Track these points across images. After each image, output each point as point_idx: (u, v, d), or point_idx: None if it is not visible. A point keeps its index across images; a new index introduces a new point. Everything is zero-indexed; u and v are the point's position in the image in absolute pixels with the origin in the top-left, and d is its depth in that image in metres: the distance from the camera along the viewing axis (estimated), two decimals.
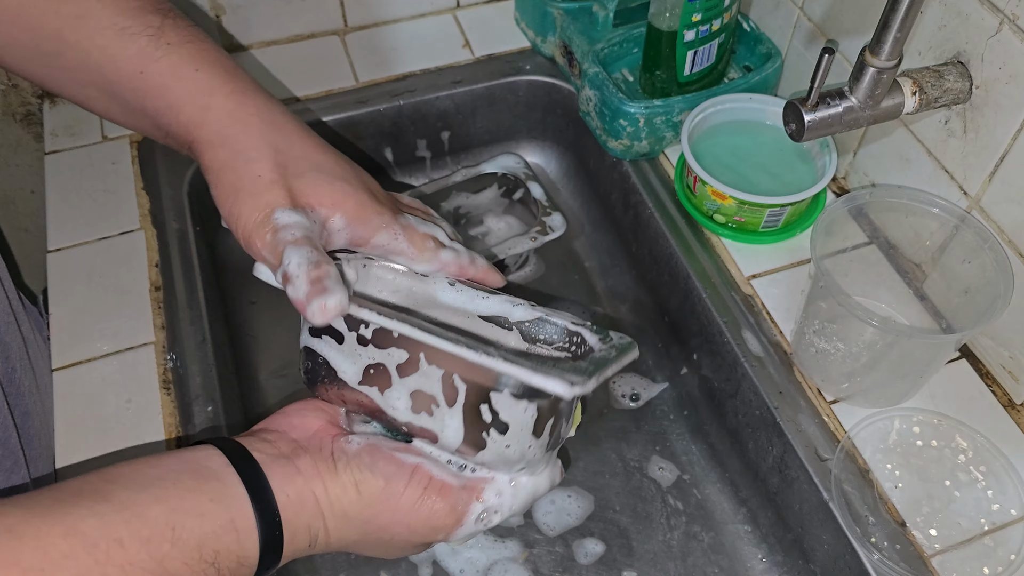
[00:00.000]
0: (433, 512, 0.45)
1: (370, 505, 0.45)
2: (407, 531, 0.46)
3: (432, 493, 0.45)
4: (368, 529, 0.45)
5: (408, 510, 0.45)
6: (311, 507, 0.43)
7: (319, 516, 0.44)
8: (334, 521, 0.44)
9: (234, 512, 0.40)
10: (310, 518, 0.43)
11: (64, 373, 0.62)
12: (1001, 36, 0.54)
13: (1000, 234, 0.58)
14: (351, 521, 0.45)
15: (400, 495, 0.45)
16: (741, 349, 0.64)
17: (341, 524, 0.45)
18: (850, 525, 0.55)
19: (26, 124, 0.87)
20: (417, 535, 0.46)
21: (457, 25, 0.90)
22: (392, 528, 0.46)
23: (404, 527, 0.46)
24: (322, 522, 0.44)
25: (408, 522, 0.46)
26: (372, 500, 0.45)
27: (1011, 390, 0.61)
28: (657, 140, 0.75)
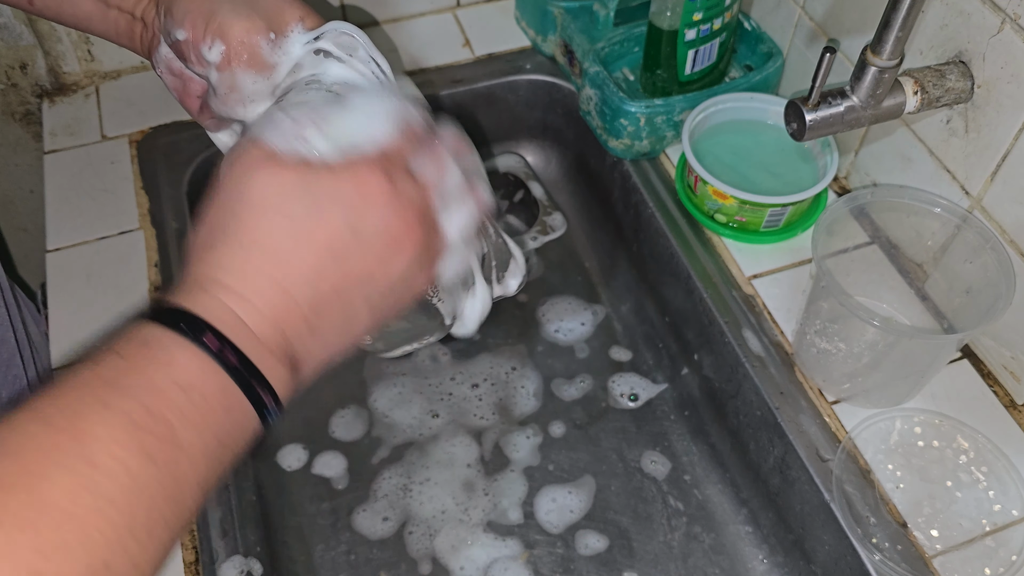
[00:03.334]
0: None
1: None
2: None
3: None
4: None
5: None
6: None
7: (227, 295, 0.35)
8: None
9: (178, 366, 0.33)
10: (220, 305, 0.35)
11: (64, 373, 0.62)
12: (1003, 35, 0.54)
13: (1002, 234, 0.58)
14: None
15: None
16: (742, 349, 0.64)
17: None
18: (851, 526, 0.55)
19: (25, 123, 0.86)
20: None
21: (457, 24, 0.90)
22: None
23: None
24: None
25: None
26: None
27: (1013, 390, 0.61)
28: (658, 139, 0.75)
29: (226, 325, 0.34)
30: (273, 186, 0.36)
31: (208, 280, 0.35)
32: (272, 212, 0.36)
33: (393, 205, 0.38)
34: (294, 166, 0.37)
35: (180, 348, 0.33)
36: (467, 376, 0.75)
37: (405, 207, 0.38)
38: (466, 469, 0.70)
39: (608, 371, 0.76)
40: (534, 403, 0.74)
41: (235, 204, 0.37)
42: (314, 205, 0.36)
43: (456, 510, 0.68)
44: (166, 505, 0.31)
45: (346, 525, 0.67)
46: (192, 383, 0.33)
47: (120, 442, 0.30)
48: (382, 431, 0.72)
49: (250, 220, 0.36)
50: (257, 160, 0.37)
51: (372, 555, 0.66)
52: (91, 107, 0.81)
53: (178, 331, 0.33)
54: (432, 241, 0.40)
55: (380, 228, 0.37)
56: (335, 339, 0.38)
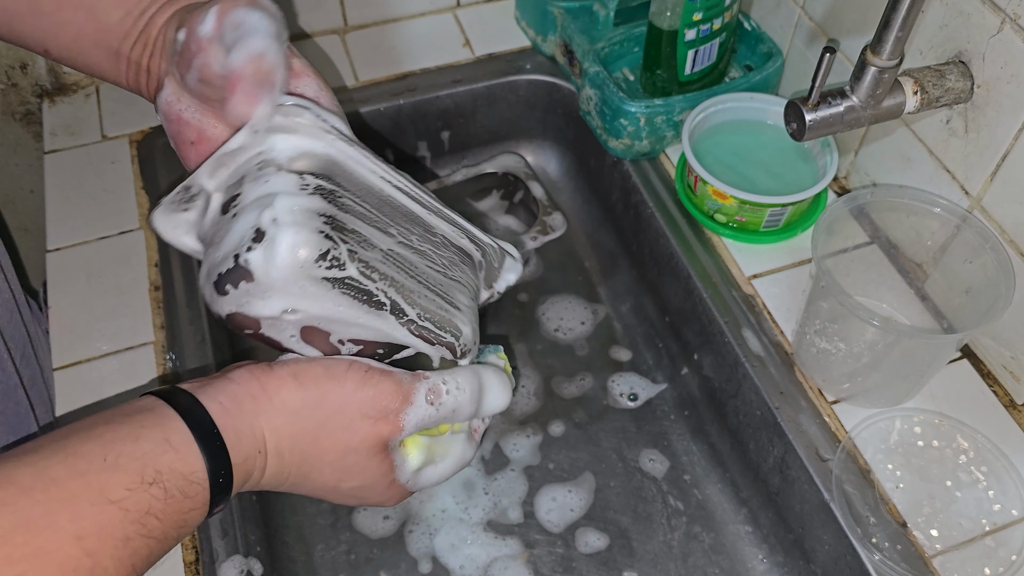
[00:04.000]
0: (379, 390, 0.43)
1: (313, 389, 0.43)
2: (358, 414, 0.43)
3: (375, 373, 0.44)
4: (319, 417, 0.43)
5: (354, 388, 0.43)
6: (249, 407, 0.41)
7: (259, 413, 0.41)
8: (278, 417, 0.42)
9: (167, 431, 0.38)
10: (251, 417, 0.41)
11: (64, 372, 0.62)
12: (1003, 35, 0.54)
13: (1001, 234, 0.58)
14: (297, 414, 0.42)
15: (344, 375, 0.43)
16: (742, 349, 0.64)
17: (287, 420, 0.42)
18: (851, 525, 0.55)
19: (25, 123, 0.87)
20: (368, 419, 0.43)
21: (457, 24, 0.90)
22: (344, 411, 0.43)
23: (355, 409, 0.43)
24: (265, 419, 0.42)
25: (358, 401, 0.43)
26: (314, 383, 0.43)
27: (1012, 390, 0.61)
28: (658, 139, 0.75)
29: (240, 479, 0.41)
30: (361, 460, 0.45)
31: (257, 439, 0.42)
32: (338, 469, 0.44)
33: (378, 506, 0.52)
34: (382, 463, 0.45)
35: (202, 511, 0.39)
36: None
37: (380, 505, 0.51)
38: (466, 468, 0.70)
39: (608, 371, 0.76)
40: (535, 402, 0.74)
41: (337, 432, 0.43)
42: (360, 480, 0.45)
43: (456, 509, 0.68)
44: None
45: (346, 525, 0.67)
46: (187, 533, 0.39)
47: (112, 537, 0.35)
48: None
49: (325, 455, 0.44)
50: (382, 442, 0.44)
51: (372, 555, 0.66)
52: (91, 107, 0.81)
53: (211, 492, 0.40)
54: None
55: (358, 502, 0.49)
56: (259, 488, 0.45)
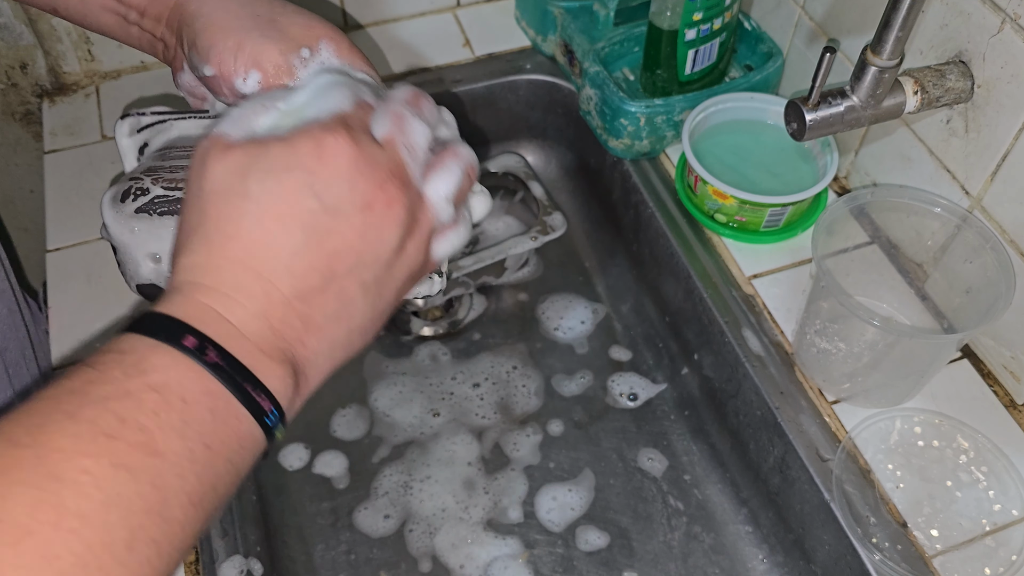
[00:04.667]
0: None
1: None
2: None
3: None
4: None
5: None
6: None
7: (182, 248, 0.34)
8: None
9: (131, 353, 0.31)
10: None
11: None
12: (1003, 35, 0.54)
13: (1002, 234, 0.58)
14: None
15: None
16: (742, 349, 0.64)
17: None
18: (851, 525, 0.55)
19: (25, 123, 0.86)
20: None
21: (457, 24, 0.90)
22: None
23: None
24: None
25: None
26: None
27: (1012, 390, 0.61)
28: (658, 139, 0.75)
29: (206, 324, 0.32)
30: (225, 169, 0.34)
31: (185, 283, 0.33)
32: (231, 196, 0.34)
33: (359, 166, 0.34)
34: (243, 145, 0.34)
35: (155, 351, 0.31)
36: (468, 375, 0.75)
37: (374, 167, 0.34)
38: (467, 467, 0.70)
39: (608, 370, 0.76)
40: (535, 402, 0.74)
41: (196, 199, 0.34)
42: (270, 178, 0.33)
43: (456, 508, 0.68)
44: (148, 519, 0.28)
45: (346, 524, 0.67)
46: (168, 385, 0.30)
47: (88, 453, 0.28)
48: (383, 430, 0.72)
49: (212, 210, 0.34)
50: (207, 150, 0.35)
51: (372, 554, 0.66)
52: (91, 107, 0.81)
53: (155, 337, 0.31)
54: (415, 207, 0.36)
55: (349, 193, 0.34)
56: (336, 331, 0.35)
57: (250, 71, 0.42)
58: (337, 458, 0.71)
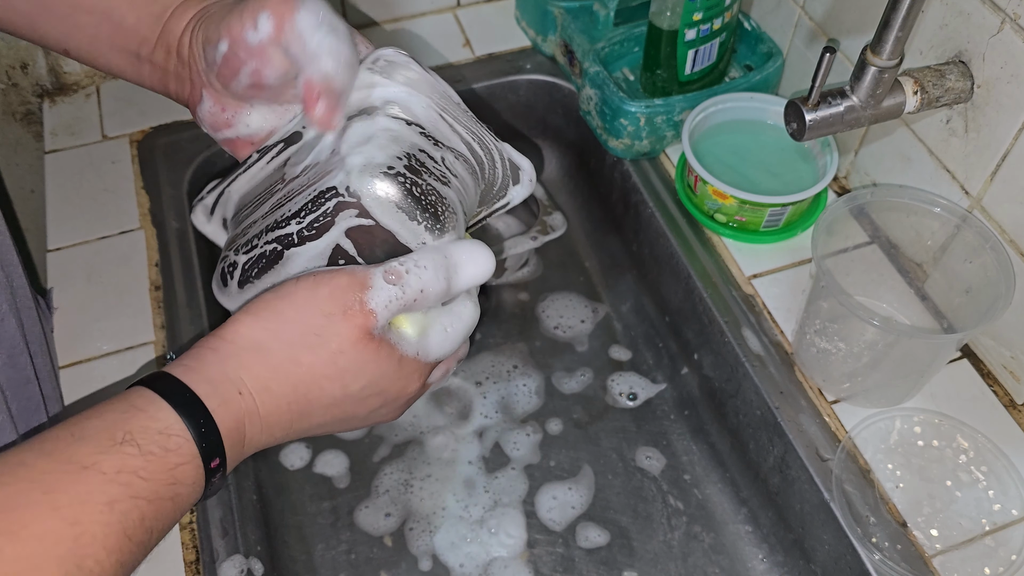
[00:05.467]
0: (333, 286, 0.41)
1: (267, 313, 0.41)
2: (322, 316, 0.41)
3: (323, 275, 0.42)
4: (287, 338, 0.41)
5: (307, 296, 0.41)
6: (212, 357, 0.40)
7: (226, 358, 0.40)
8: (246, 354, 0.40)
9: (132, 399, 0.37)
10: (218, 365, 0.40)
11: (65, 372, 0.62)
12: (1003, 35, 0.54)
13: (1001, 234, 0.58)
14: (263, 344, 0.40)
15: (293, 289, 0.42)
16: (742, 349, 0.64)
17: (256, 353, 0.40)
18: (851, 525, 0.55)
19: (26, 123, 0.87)
20: (333, 317, 0.41)
21: (457, 24, 0.90)
22: (308, 320, 0.41)
23: (316, 313, 0.41)
24: (234, 362, 0.40)
25: (315, 305, 0.41)
26: (266, 309, 0.42)
27: (1012, 390, 0.61)
28: (658, 139, 0.75)
29: (230, 441, 0.39)
30: (353, 357, 0.41)
31: (246, 391, 0.40)
32: (340, 377, 0.42)
33: (410, 402, 0.47)
34: (380, 355, 0.42)
35: (193, 464, 0.37)
36: (469, 374, 0.75)
37: (412, 398, 0.46)
38: (467, 466, 0.70)
39: (608, 370, 0.76)
40: (535, 400, 0.74)
41: (311, 339, 0.41)
42: (368, 391, 0.43)
43: (456, 507, 0.68)
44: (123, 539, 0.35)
45: (347, 524, 0.67)
46: (185, 497, 0.37)
47: (108, 549, 0.34)
48: (383, 429, 0.72)
49: (319, 366, 0.41)
50: (355, 323, 0.41)
51: (372, 554, 0.66)
52: (92, 107, 0.81)
53: (195, 438, 0.37)
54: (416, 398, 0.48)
55: (385, 408, 0.45)
56: (291, 436, 0.43)
57: (258, 16, 0.43)
58: (338, 457, 0.71)
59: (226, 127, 0.48)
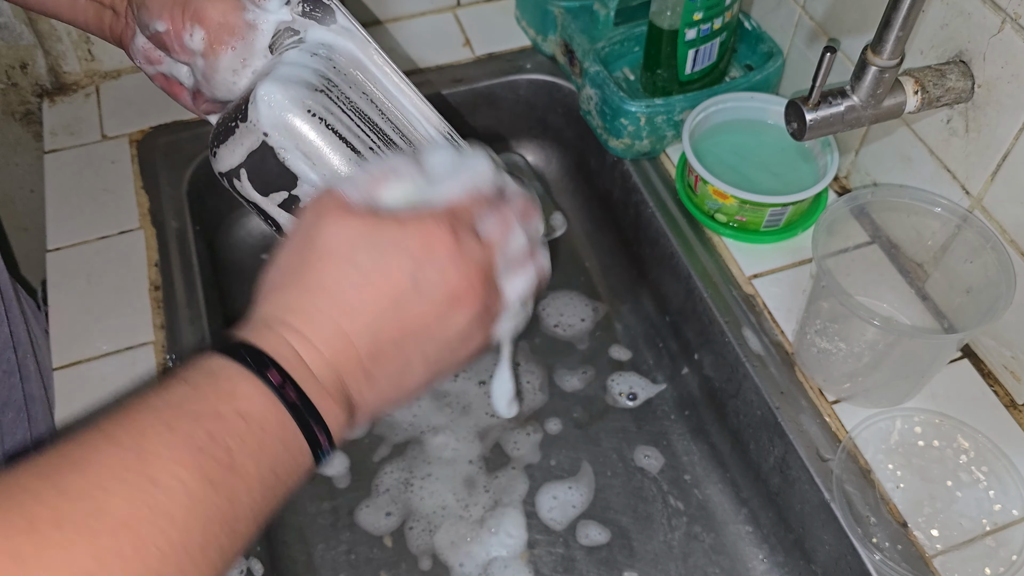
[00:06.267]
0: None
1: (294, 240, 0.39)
2: (306, 217, 0.39)
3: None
4: (284, 255, 0.38)
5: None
6: (261, 305, 0.38)
7: (271, 294, 0.38)
8: (264, 300, 0.38)
9: (209, 368, 0.35)
10: (266, 307, 0.37)
11: (64, 372, 0.62)
12: (1003, 35, 0.54)
13: (1002, 234, 0.58)
14: (340, 266, 0.37)
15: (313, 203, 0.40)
16: (742, 349, 0.64)
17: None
18: (851, 525, 0.55)
19: (25, 123, 0.86)
20: (310, 213, 0.39)
21: (457, 24, 0.90)
22: (295, 238, 0.39)
23: (302, 220, 0.39)
24: (282, 297, 0.37)
25: (305, 215, 0.39)
26: (290, 240, 0.39)
27: (1013, 390, 0.61)
28: (658, 139, 0.75)
29: (288, 363, 0.35)
30: (343, 234, 0.38)
31: (275, 320, 0.37)
32: (339, 259, 0.38)
33: (456, 262, 0.38)
34: (364, 216, 0.38)
35: (244, 380, 0.34)
36: (471, 373, 0.75)
37: (468, 265, 0.39)
38: (467, 466, 0.70)
39: (608, 370, 0.76)
40: (537, 399, 0.74)
41: (305, 249, 0.38)
42: (380, 255, 0.38)
43: (456, 506, 0.68)
44: (221, 529, 0.32)
45: (347, 524, 0.67)
46: (253, 414, 0.33)
47: (182, 463, 0.31)
48: (383, 429, 0.72)
49: (318, 265, 0.38)
50: (330, 208, 0.38)
51: (372, 554, 0.66)
52: (91, 107, 0.81)
53: (243, 364, 0.34)
54: (492, 301, 0.40)
55: (441, 283, 0.38)
56: (390, 389, 0.39)
57: (195, 27, 0.45)
58: (338, 457, 0.71)
59: (159, 63, 0.49)
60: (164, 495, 0.30)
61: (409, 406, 0.74)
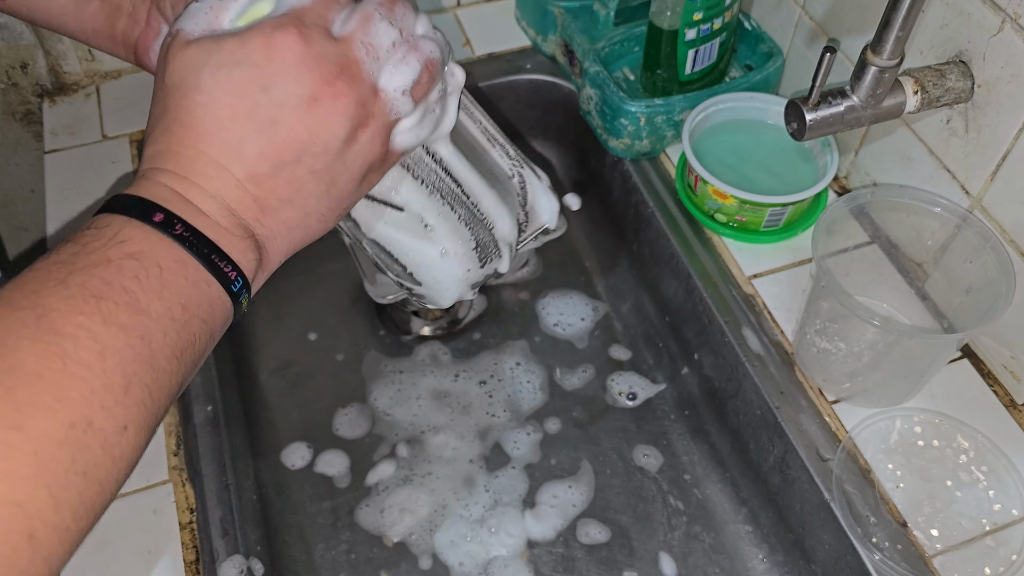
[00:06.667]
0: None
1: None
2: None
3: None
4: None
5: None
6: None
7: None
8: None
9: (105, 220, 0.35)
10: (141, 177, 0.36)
11: None
12: (1003, 35, 0.54)
13: (1002, 233, 0.58)
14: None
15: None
16: (742, 349, 0.64)
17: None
18: (851, 525, 0.55)
19: (26, 123, 0.87)
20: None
21: (458, 24, 0.90)
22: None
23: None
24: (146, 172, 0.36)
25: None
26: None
27: (1012, 390, 0.61)
28: (658, 139, 0.75)
29: (170, 203, 0.35)
30: (182, 64, 0.36)
31: (149, 170, 0.36)
32: (186, 89, 0.36)
33: (306, 61, 0.36)
34: (199, 41, 0.37)
35: (130, 227, 0.34)
36: (471, 373, 0.75)
37: (319, 62, 0.36)
38: (467, 465, 0.70)
39: (608, 370, 0.76)
40: (539, 397, 0.74)
41: (159, 92, 0.37)
42: (221, 72, 0.36)
43: (456, 506, 0.68)
44: (139, 366, 0.32)
45: (347, 524, 0.67)
46: (145, 253, 0.33)
47: (83, 312, 0.31)
48: (384, 429, 0.72)
49: (171, 103, 0.37)
50: (168, 45, 0.37)
51: (372, 554, 0.66)
52: (92, 107, 0.81)
53: (126, 214, 0.34)
54: (367, 100, 0.38)
55: (295, 86, 0.36)
56: (291, 215, 0.38)
57: None
58: (338, 457, 0.71)
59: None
60: (71, 343, 0.30)
61: (409, 405, 0.74)
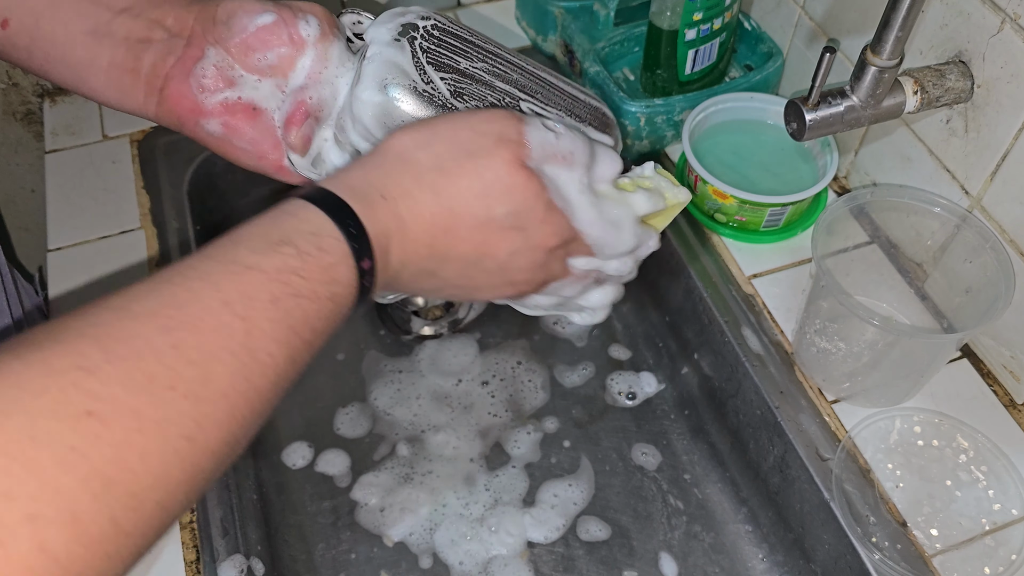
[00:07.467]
0: (491, 114, 0.42)
1: (421, 128, 0.41)
2: (475, 133, 0.41)
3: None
4: (436, 150, 0.40)
5: (464, 115, 0.42)
6: (357, 168, 0.40)
7: (369, 167, 0.40)
8: (390, 162, 0.40)
9: (283, 206, 0.37)
10: (362, 172, 0.40)
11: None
12: (1003, 35, 0.54)
13: (1001, 233, 0.58)
14: (408, 153, 0.40)
15: (452, 112, 0.43)
16: (742, 348, 0.64)
17: (400, 163, 0.40)
18: (851, 525, 0.55)
19: (26, 123, 0.87)
20: (487, 137, 0.41)
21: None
22: (459, 135, 0.41)
23: (469, 130, 0.41)
24: (378, 170, 0.40)
25: (471, 123, 0.41)
26: (421, 124, 0.42)
27: (1012, 390, 0.61)
28: (658, 139, 0.75)
29: (384, 250, 0.38)
30: (502, 175, 0.40)
31: (388, 195, 0.39)
32: (480, 191, 0.40)
33: (545, 263, 0.43)
34: (537, 176, 0.41)
35: (346, 266, 0.36)
36: (472, 373, 0.76)
37: (546, 262, 0.43)
38: (468, 464, 0.70)
39: (607, 369, 0.76)
40: (539, 396, 0.74)
41: (460, 156, 0.40)
42: (512, 212, 0.41)
43: (457, 505, 0.68)
44: (280, 398, 0.35)
45: (347, 523, 0.67)
46: (341, 298, 0.36)
47: (277, 340, 0.33)
48: (384, 428, 0.72)
49: (459, 180, 0.40)
50: (511, 156, 0.41)
51: (372, 553, 0.66)
52: (92, 106, 0.81)
53: (349, 246, 0.37)
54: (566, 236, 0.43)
55: (522, 241, 0.42)
56: (426, 260, 0.41)
57: (307, 15, 0.44)
58: (339, 456, 0.71)
59: (230, 85, 0.46)
60: (258, 369, 0.33)
61: (409, 405, 0.74)
